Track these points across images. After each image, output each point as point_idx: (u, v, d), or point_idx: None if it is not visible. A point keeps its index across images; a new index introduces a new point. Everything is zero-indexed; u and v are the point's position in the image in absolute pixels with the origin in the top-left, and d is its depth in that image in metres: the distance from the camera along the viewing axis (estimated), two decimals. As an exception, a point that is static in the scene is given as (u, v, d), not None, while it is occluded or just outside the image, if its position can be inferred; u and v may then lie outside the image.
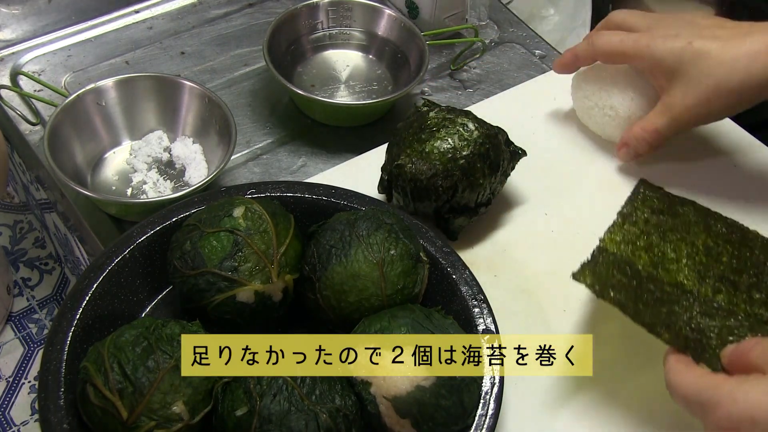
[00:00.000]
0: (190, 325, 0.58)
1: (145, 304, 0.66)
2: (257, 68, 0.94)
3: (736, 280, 0.67)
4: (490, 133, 0.71)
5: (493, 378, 0.58)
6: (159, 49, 0.96)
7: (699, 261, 0.69)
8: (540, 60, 0.98)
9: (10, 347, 1.06)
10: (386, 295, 0.60)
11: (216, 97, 0.80)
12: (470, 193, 0.70)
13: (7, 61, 0.93)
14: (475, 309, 0.62)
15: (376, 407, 0.56)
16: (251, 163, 0.85)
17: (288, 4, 1.00)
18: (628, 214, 0.73)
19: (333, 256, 0.61)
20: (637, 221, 0.72)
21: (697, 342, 0.59)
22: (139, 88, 0.82)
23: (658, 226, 0.72)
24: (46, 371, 0.56)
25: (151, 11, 1.00)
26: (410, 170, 0.69)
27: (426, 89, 0.93)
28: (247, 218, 0.61)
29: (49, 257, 1.14)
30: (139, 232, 0.65)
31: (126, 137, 0.83)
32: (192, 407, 0.54)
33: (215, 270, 0.59)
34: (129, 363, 0.54)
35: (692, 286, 0.67)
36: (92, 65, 0.93)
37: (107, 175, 0.81)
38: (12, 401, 1.02)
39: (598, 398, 0.65)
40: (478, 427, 0.56)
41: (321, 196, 0.68)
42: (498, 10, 1.05)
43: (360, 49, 0.95)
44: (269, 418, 0.53)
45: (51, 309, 1.10)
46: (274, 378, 0.54)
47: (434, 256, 0.65)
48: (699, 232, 0.72)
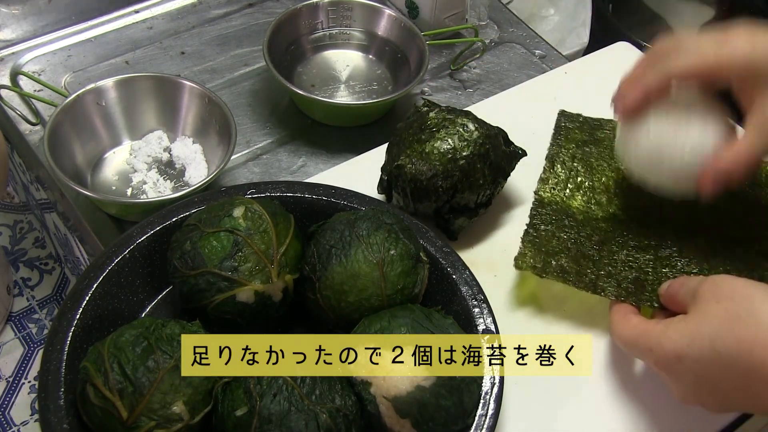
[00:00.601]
0: (190, 325, 0.58)
1: (145, 304, 0.66)
2: (257, 68, 0.94)
3: (661, 201, 0.70)
4: (490, 134, 0.70)
5: (493, 378, 0.58)
6: (159, 49, 0.96)
7: (625, 186, 0.72)
8: (540, 60, 0.98)
9: (10, 347, 1.05)
10: (386, 295, 0.60)
11: (216, 97, 0.80)
12: (470, 193, 0.70)
13: (7, 61, 0.93)
14: (475, 309, 0.62)
15: (376, 407, 0.56)
16: (251, 163, 0.85)
17: (288, 4, 1.00)
18: (554, 155, 0.77)
19: (333, 256, 0.61)
20: (564, 160, 0.76)
21: (637, 282, 0.65)
22: (139, 88, 0.82)
23: (583, 159, 0.77)
24: (46, 371, 0.56)
25: (151, 11, 1.00)
26: (410, 171, 0.69)
27: (426, 89, 0.93)
28: (247, 218, 0.61)
29: (49, 257, 1.14)
30: (139, 232, 0.65)
31: (126, 137, 0.83)
32: (192, 407, 0.54)
33: (215, 270, 0.59)
34: (129, 363, 0.54)
35: (623, 214, 0.71)
36: (92, 65, 0.93)
37: (107, 175, 0.81)
38: (12, 401, 1.02)
39: (598, 398, 0.65)
40: (478, 427, 0.56)
41: (321, 196, 0.68)
42: (498, 10, 1.05)
43: (360, 49, 0.95)
44: (269, 418, 0.53)
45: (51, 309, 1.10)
46: (274, 378, 0.54)
47: (434, 256, 0.65)
48: None
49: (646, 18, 1.43)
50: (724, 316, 0.53)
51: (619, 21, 1.35)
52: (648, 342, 0.58)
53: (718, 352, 0.52)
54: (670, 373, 0.57)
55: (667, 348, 0.56)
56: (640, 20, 1.42)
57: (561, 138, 0.79)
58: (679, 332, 0.55)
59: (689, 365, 0.54)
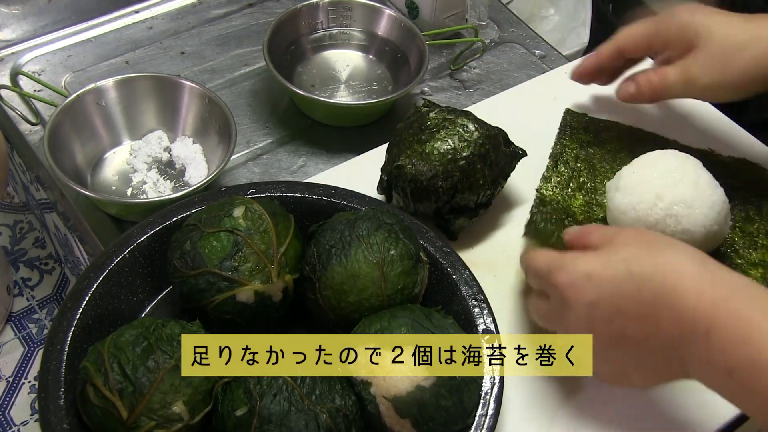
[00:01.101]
0: (190, 325, 0.58)
1: (145, 304, 0.66)
2: (257, 68, 0.94)
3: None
4: (490, 134, 0.70)
5: (493, 378, 0.58)
6: (159, 49, 0.96)
7: None
8: (540, 60, 0.98)
9: (10, 347, 1.05)
10: (386, 295, 0.60)
11: (216, 97, 0.80)
12: (470, 193, 0.70)
13: (7, 61, 0.93)
14: (475, 309, 0.62)
15: (376, 407, 0.56)
16: (251, 163, 0.85)
17: (288, 4, 1.00)
18: (558, 154, 0.78)
19: (333, 256, 0.61)
20: (567, 160, 0.78)
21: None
22: (139, 88, 0.82)
23: (587, 160, 0.78)
24: (46, 371, 0.56)
25: (151, 11, 1.00)
26: (410, 171, 0.69)
27: (426, 89, 0.93)
28: (247, 218, 0.61)
29: (49, 257, 1.14)
30: (139, 232, 0.65)
31: (126, 137, 0.83)
32: (192, 407, 0.54)
33: (215, 270, 0.59)
34: (129, 363, 0.54)
35: None
36: (92, 65, 0.93)
37: (107, 175, 0.81)
38: (12, 401, 1.02)
39: (598, 398, 0.65)
40: (478, 427, 0.56)
41: (321, 196, 0.68)
42: (498, 10, 1.05)
43: (360, 49, 0.95)
44: (269, 418, 0.53)
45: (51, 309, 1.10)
46: (274, 378, 0.54)
47: (434, 256, 0.65)
48: (624, 157, 0.78)
49: (646, 18, 1.43)
50: (643, 244, 0.55)
51: (619, 21, 1.34)
52: (561, 262, 0.57)
53: (631, 272, 0.53)
54: (572, 291, 0.55)
55: (579, 266, 0.55)
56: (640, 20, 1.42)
57: (566, 138, 0.80)
58: (594, 256, 0.56)
59: (596, 283, 0.54)
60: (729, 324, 0.49)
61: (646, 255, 0.54)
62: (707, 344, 0.50)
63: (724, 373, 0.49)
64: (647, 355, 0.54)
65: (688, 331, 0.51)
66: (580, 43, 1.24)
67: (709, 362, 0.50)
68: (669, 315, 0.52)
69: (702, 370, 0.51)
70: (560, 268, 0.57)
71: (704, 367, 0.51)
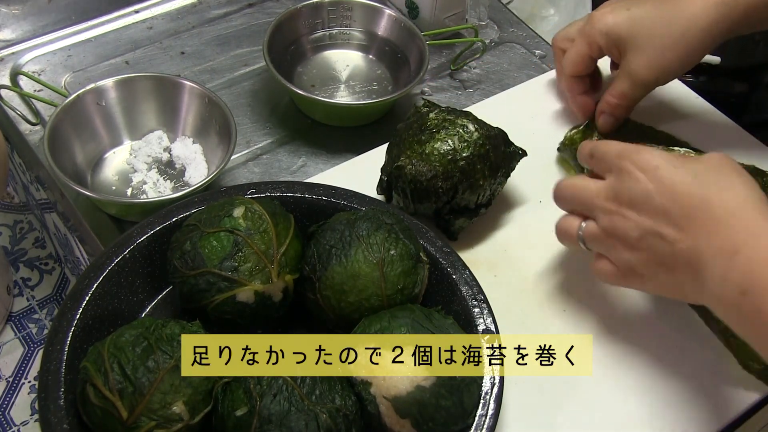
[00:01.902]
0: (190, 325, 0.58)
1: (145, 304, 0.66)
2: (257, 68, 0.94)
3: None
4: (490, 134, 0.70)
5: (493, 378, 0.58)
6: (159, 49, 0.96)
7: None
8: (540, 60, 0.98)
9: (10, 347, 1.05)
10: (386, 295, 0.60)
11: (216, 97, 0.80)
12: (470, 194, 0.70)
13: (7, 61, 0.93)
14: (475, 309, 0.62)
15: (376, 407, 0.56)
16: (251, 163, 0.85)
17: (288, 4, 1.00)
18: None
19: (333, 256, 0.61)
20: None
21: None
22: (139, 88, 0.82)
23: None
24: (46, 371, 0.56)
25: (151, 11, 1.00)
26: (410, 172, 0.69)
27: (426, 89, 0.93)
28: (247, 218, 0.61)
29: (49, 257, 1.14)
30: (139, 232, 0.65)
31: (126, 137, 0.83)
32: (192, 407, 0.54)
33: (215, 270, 0.59)
34: (129, 363, 0.54)
35: None
36: (92, 65, 0.93)
37: (107, 175, 0.81)
38: (12, 401, 1.02)
39: (598, 398, 0.65)
40: (478, 427, 0.56)
41: (321, 196, 0.68)
42: (498, 10, 1.05)
43: (360, 49, 0.95)
44: (269, 418, 0.53)
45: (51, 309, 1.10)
46: (274, 378, 0.54)
47: (434, 256, 0.65)
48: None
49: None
50: (716, 169, 0.57)
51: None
52: (636, 149, 0.59)
53: (693, 184, 0.55)
54: (635, 174, 0.58)
55: (654, 157, 0.58)
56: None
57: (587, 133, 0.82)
58: (668, 157, 0.58)
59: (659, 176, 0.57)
60: (758, 248, 0.51)
61: (715, 176, 0.56)
62: (731, 263, 0.52)
63: (737, 292, 0.51)
64: (670, 257, 0.56)
65: (716, 247, 0.53)
66: (580, 43, 1.24)
67: (725, 279, 0.52)
68: (704, 228, 0.54)
69: (716, 287, 0.53)
70: (636, 151, 0.59)
71: (718, 285, 0.53)
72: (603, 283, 0.71)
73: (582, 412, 0.64)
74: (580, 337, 0.69)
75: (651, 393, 0.65)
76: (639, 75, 0.75)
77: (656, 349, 0.67)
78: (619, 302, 0.71)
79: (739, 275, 0.51)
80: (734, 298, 0.51)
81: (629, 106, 0.79)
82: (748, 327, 0.52)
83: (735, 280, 0.51)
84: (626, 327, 0.69)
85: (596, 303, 0.71)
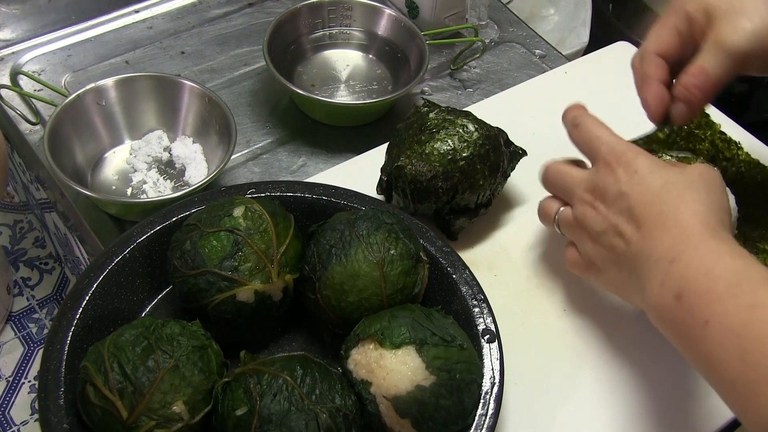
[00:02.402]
0: (190, 324, 0.58)
1: (145, 304, 0.66)
2: (257, 68, 0.94)
3: None
4: (490, 134, 0.70)
5: (493, 378, 0.58)
6: (159, 49, 0.96)
7: None
8: (540, 60, 0.98)
9: (10, 347, 1.06)
10: (386, 295, 0.60)
11: (216, 97, 0.80)
12: (470, 194, 0.70)
13: (7, 61, 0.93)
14: (475, 309, 0.62)
15: (376, 407, 0.56)
16: (251, 163, 0.85)
17: (288, 4, 1.00)
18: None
19: (333, 255, 0.61)
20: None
21: None
22: (139, 88, 0.82)
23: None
24: (46, 371, 0.56)
25: (151, 11, 1.00)
26: (410, 172, 0.69)
27: (426, 89, 0.93)
28: (247, 218, 0.61)
29: (49, 257, 1.14)
30: (139, 232, 0.65)
31: (126, 137, 0.83)
32: (192, 407, 0.54)
33: (215, 270, 0.59)
34: (129, 363, 0.54)
35: None
36: (92, 65, 0.93)
37: (107, 175, 0.81)
38: (12, 401, 1.02)
39: (598, 398, 0.65)
40: (478, 427, 0.56)
41: (321, 196, 0.68)
42: (498, 10, 1.05)
43: (360, 49, 0.95)
44: (269, 418, 0.53)
45: (51, 309, 1.10)
46: (274, 377, 0.54)
47: (434, 256, 0.65)
48: None
49: (646, 18, 1.43)
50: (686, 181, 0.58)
51: (619, 21, 1.35)
52: (626, 148, 0.61)
53: (659, 195, 0.57)
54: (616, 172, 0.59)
55: (638, 161, 0.59)
56: (640, 20, 1.42)
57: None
58: (650, 162, 0.59)
59: (636, 180, 0.58)
60: (697, 257, 0.53)
61: (683, 188, 0.57)
62: (669, 268, 0.54)
63: (672, 296, 0.53)
64: (622, 256, 0.58)
65: (660, 253, 0.55)
66: (580, 42, 1.24)
67: (663, 284, 0.54)
68: (655, 234, 0.56)
69: (654, 291, 0.55)
70: (623, 151, 0.60)
71: (656, 289, 0.54)
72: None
73: (582, 412, 0.64)
74: (580, 337, 0.69)
75: (651, 393, 0.65)
76: (731, 43, 0.62)
77: (657, 348, 0.67)
78: (619, 302, 0.71)
79: (674, 281, 0.53)
80: (669, 303, 0.53)
81: (710, 90, 0.64)
82: (679, 332, 0.53)
83: (670, 285, 0.53)
84: (626, 327, 0.69)
85: (596, 303, 0.71)
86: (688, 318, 0.52)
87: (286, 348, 0.65)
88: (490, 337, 0.60)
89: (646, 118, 0.83)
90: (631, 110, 0.86)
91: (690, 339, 0.52)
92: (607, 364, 0.67)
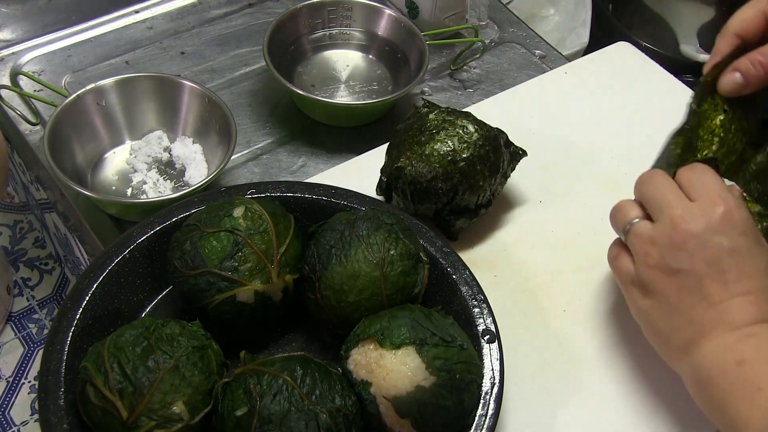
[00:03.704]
0: (190, 325, 0.58)
1: (145, 304, 0.66)
2: (257, 68, 0.94)
3: None
4: (489, 135, 0.71)
5: (493, 378, 0.58)
6: (159, 49, 0.96)
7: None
8: (540, 60, 0.98)
9: (10, 347, 1.05)
10: (386, 295, 0.60)
11: (216, 97, 0.80)
12: (470, 195, 0.70)
13: (7, 61, 0.93)
14: (475, 309, 0.62)
15: (376, 407, 0.56)
16: (251, 163, 0.85)
17: (288, 4, 1.00)
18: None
19: (333, 256, 0.61)
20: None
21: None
22: (139, 88, 0.82)
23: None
24: (46, 371, 0.56)
25: (151, 11, 1.00)
26: (410, 173, 0.69)
27: (426, 89, 0.93)
28: (247, 218, 0.61)
29: (49, 257, 1.14)
30: (139, 232, 0.65)
31: (126, 137, 0.83)
32: (192, 407, 0.54)
33: (215, 270, 0.59)
34: (129, 363, 0.54)
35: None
36: (92, 65, 0.93)
37: (107, 175, 0.81)
38: (12, 401, 1.02)
39: (598, 398, 0.65)
40: (478, 427, 0.56)
41: (321, 196, 0.68)
42: (498, 10, 1.05)
43: (360, 49, 0.95)
44: (269, 418, 0.53)
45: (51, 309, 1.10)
46: (274, 378, 0.54)
47: (434, 256, 0.65)
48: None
49: (646, 18, 1.43)
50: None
51: (619, 21, 1.35)
52: (692, 208, 0.58)
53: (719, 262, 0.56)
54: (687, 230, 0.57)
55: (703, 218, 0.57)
56: (640, 20, 1.42)
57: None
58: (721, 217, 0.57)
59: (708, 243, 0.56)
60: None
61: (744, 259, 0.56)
62: (747, 339, 0.54)
63: (735, 361, 0.53)
64: (688, 309, 0.57)
65: (739, 323, 0.55)
66: (580, 43, 1.24)
67: (730, 349, 0.54)
68: (743, 304, 0.55)
69: (716, 353, 0.55)
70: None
71: (719, 352, 0.55)
72: (603, 284, 0.71)
73: (582, 412, 0.64)
74: (580, 337, 0.69)
75: (651, 393, 0.65)
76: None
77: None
78: (620, 302, 0.71)
79: (743, 351, 0.54)
80: (729, 368, 0.54)
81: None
82: (724, 394, 0.54)
83: (737, 350, 0.54)
84: (626, 327, 0.69)
85: (596, 303, 0.71)
86: (741, 383, 0.53)
87: (286, 348, 0.65)
88: (490, 337, 0.60)
89: (646, 118, 0.82)
90: (632, 110, 0.86)
91: (735, 401, 0.53)
92: (607, 364, 0.67)
